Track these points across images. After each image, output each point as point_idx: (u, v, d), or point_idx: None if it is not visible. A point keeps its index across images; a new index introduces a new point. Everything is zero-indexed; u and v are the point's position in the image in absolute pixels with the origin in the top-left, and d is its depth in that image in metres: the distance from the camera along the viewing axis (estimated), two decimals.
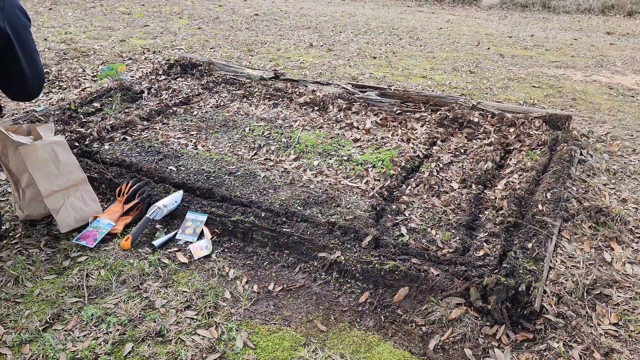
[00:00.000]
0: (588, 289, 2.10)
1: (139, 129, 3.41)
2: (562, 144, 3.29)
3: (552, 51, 6.92)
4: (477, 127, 3.60)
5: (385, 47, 6.75)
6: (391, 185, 2.80)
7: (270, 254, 2.27)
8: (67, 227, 2.31)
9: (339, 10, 10.16)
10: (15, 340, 1.76)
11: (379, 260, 2.11)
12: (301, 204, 2.56)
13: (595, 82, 5.37)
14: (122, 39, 6.24)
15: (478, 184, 2.84)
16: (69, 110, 3.57)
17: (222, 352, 1.75)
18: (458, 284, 1.98)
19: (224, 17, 8.37)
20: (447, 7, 11.68)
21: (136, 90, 4.09)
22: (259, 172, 2.89)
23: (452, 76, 5.36)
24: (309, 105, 3.94)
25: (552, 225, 2.42)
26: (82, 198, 2.39)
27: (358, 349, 1.80)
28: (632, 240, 2.46)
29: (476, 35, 7.91)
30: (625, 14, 10.85)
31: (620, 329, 1.91)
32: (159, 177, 2.78)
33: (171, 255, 2.24)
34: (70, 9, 8.14)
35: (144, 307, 1.93)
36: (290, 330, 1.87)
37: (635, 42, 7.86)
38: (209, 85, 4.32)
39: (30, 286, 2.03)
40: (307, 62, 5.63)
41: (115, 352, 1.74)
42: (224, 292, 2.04)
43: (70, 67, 4.88)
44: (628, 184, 3.02)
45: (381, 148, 3.27)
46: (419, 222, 2.47)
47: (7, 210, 2.50)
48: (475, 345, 1.82)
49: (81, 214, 2.36)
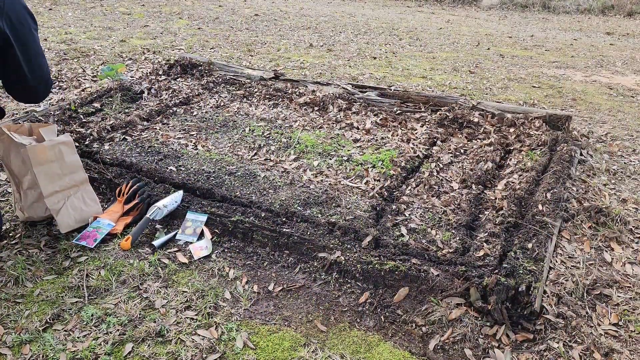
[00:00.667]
0: (588, 289, 2.10)
1: (139, 129, 3.41)
2: (562, 144, 3.29)
3: (552, 51, 6.92)
4: (477, 127, 3.60)
5: (385, 47, 6.75)
6: (391, 186, 2.80)
7: (270, 254, 2.28)
8: (67, 227, 2.31)
9: (339, 10, 10.16)
10: (15, 341, 1.76)
11: (379, 261, 2.11)
12: (301, 204, 2.56)
13: (595, 82, 5.37)
14: (122, 39, 6.25)
15: (478, 184, 2.84)
16: (69, 110, 3.57)
17: (222, 352, 1.75)
18: (458, 284, 1.98)
19: (224, 17, 8.37)
20: (447, 7, 11.68)
21: (136, 90, 4.09)
22: (259, 172, 2.89)
23: (452, 76, 5.36)
24: (309, 106, 3.94)
25: (552, 225, 2.42)
26: (83, 198, 2.39)
27: (358, 349, 1.80)
28: (632, 241, 2.46)
29: (476, 36, 7.91)
30: (625, 14, 10.85)
31: (620, 329, 1.91)
32: (159, 177, 2.78)
33: (171, 256, 2.24)
34: (70, 9, 8.14)
35: (144, 307, 1.93)
36: (290, 330, 1.87)
37: (635, 42, 7.86)
38: (209, 85, 4.32)
39: (30, 286, 2.03)
40: (307, 63, 5.63)
41: (115, 352, 1.74)
42: (224, 292, 2.04)
43: (70, 67, 4.88)
44: (628, 184, 3.02)
45: (381, 148, 3.27)
46: (419, 222, 2.47)
47: (7, 211, 2.50)
48: (475, 346, 1.82)
49: (81, 214, 2.36)
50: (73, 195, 2.34)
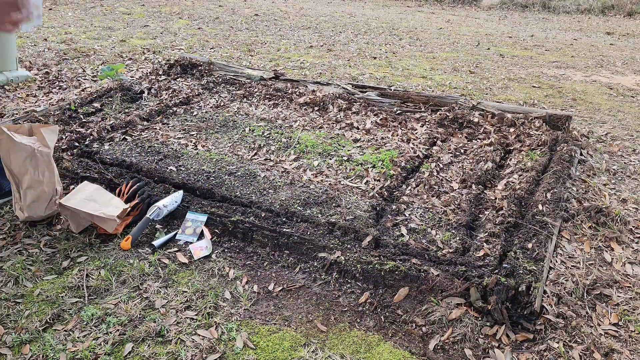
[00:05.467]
0: (588, 289, 2.10)
1: (139, 129, 3.42)
2: (562, 144, 3.29)
3: (552, 51, 6.92)
4: (477, 127, 3.60)
5: (385, 47, 6.75)
6: (391, 186, 2.80)
7: (270, 254, 2.28)
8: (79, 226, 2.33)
9: (339, 10, 10.16)
10: (15, 341, 1.76)
11: (379, 261, 2.11)
12: (301, 204, 2.56)
13: (595, 82, 5.37)
14: (122, 39, 6.24)
15: (478, 184, 2.84)
16: (69, 110, 3.57)
17: (222, 352, 1.75)
18: (458, 284, 1.98)
19: (224, 17, 8.37)
20: (447, 7, 11.68)
21: (136, 90, 4.09)
22: (259, 172, 2.89)
23: (452, 76, 5.36)
24: (309, 106, 3.94)
25: (552, 225, 2.42)
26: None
27: (358, 349, 1.80)
28: (632, 241, 2.46)
29: (476, 36, 7.91)
30: (625, 14, 10.85)
31: (620, 329, 1.91)
32: (159, 177, 2.78)
33: (171, 256, 2.24)
34: (70, 9, 8.14)
35: (144, 307, 1.93)
36: (290, 330, 1.87)
37: (635, 42, 7.86)
38: (209, 85, 4.32)
39: (30, 286, 2.03)
40: (307, 62, 5.63)
41: (115, 352, 1.74)
42: (224, 292, 2.04)
43: (70, 67, 4.88)
44: (628, 184, 3.02)
45: (381, 148, 3.27)
46: (419, 222, 2.47)
47: (7, 211, 2.50)
48: (475, 346, 1.82)
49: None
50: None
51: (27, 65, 4.78)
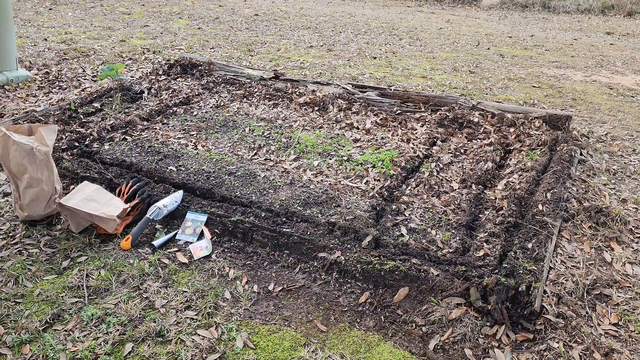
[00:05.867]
0: (588, 289, 2.10)
1: (139, 129, 3.41)
2: (562, 144, 3.29)
3: (552, 51, 6.92)
4: (477, 127, 3.60)
5: (385, 47, 6.75)
6: (391, 186, 2.80)
7: (270, 254, 2.27)
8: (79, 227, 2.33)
9: (339, 10, 10.16)
10: (15, 340, 1.76)
11: (379, 261, 2.11)
12: (301, 204, 2.56)
13: (595, 82, 5.37)
14: (122, 39, 6.24)
15: (478, 184, 2.84)
16: (69, 110, 3.57)
17: (222, 352, 1.75)
18: (458, 284, 1.98)
19: (224, 17, 8.37)
20: (447, 7, 11.68)
21: (136, 90, 4.09)
22: (259, 172, 2.89)
23: (452, 76, 5.36)
24: (309, 106, 3.94)
25: (552, 225, 2.42)
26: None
27: (358, 349, 1.80)
28: (632, 240, 2.46)
29: (476, 36, 7.91)
30: (625, 14, 10.85)
31: (620, 329, 1.91)
32: (159, 177, 2.78)
33: (171, 256, 2.24)
34: (70, 9, 8.14)
35: (144, 307, 1.93)
36: (290, 330, 1.87)
37: (635, 42, 7.86)
38: (209, 85, 4.32)
39: (30, 286, 2.02)
40: (307, 62, 5.63)
41: (115, 352, 1.74)
42: (224, 292, 2.04)
43: (70, 67, 4.88)
44: (628, 184, 3.02)
45: (381, 148, 3.27)
46: (419, 222, 2.47)
47: (7, 210, 2.50)
48: (475, 346, 1.82)
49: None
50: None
51: (27, 65, 4.78)
